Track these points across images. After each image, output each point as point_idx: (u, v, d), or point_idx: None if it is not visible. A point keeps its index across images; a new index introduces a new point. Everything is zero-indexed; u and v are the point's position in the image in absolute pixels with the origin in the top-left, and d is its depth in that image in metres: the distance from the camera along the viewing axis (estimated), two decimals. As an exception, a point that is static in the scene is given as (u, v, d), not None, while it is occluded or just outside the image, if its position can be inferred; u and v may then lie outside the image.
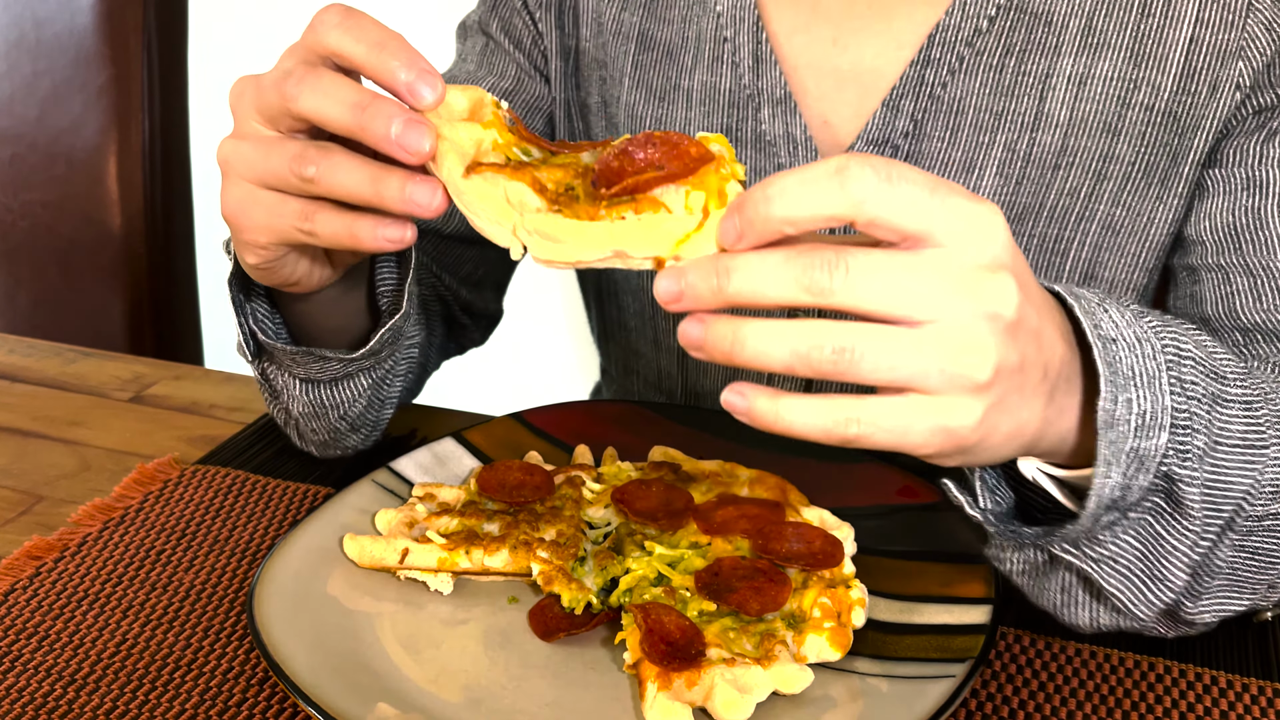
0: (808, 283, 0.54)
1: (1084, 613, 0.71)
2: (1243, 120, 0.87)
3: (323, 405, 0.88)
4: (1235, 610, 0.73)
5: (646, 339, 1.05)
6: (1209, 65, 0.86)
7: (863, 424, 0.56)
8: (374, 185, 0.65)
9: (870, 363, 0.54)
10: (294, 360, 0.85)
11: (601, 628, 0.75)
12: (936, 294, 0.54)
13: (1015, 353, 0.56)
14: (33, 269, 1.53)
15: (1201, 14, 0.85)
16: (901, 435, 0.56)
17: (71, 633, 0.77)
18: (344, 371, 0.86)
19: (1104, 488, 0.62)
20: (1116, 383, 0.61)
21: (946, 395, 0.55)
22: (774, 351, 0.56)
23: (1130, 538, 0.66)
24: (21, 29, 1.49)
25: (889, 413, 0.55)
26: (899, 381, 0.55)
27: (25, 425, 1.02)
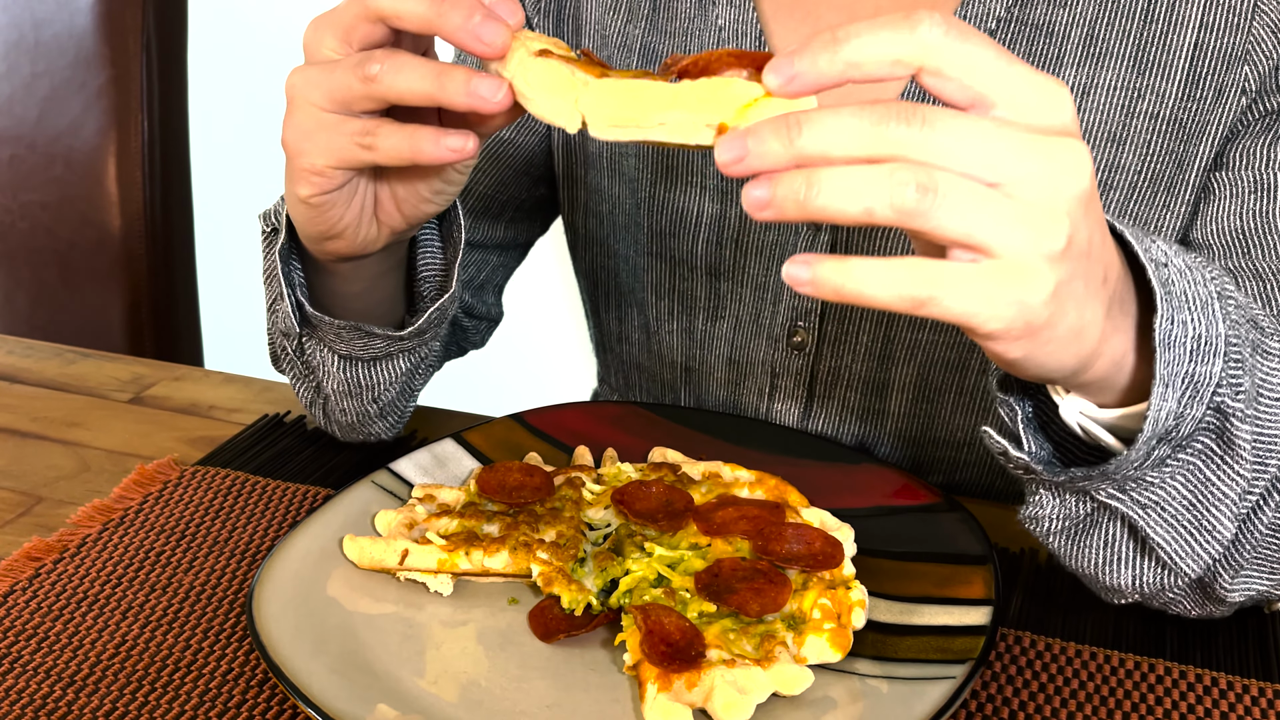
0: (885, 132, 0.52)
1: (1127, 571, 0.69)
2: (1248, 124, 0.86)
3: (358, 385, 0.88)
4: (1259, 591, 0.72)
5: (649, 352, 1.05)
6: (1214, 70, 0.85)
7: (941, 289, 0.53)
8: (438, 80, 0.65)
9: (952, 211, 0.52)
10: (338, 335, 0.85)
11: (601, 629, 0.75)
12: (1013, 154, 0.52)
13: (1085, 230, 0.55)
14: (32, 270, 1.53)
15: (1206, 18, 0.85)
16: (980, 305, 0.53)
17: (71, 634, 0.77)
18: (385, 351, 0.86)
19: (1160, 411, 0.60)
20: (1171, 303, 0.60)
21: (1021, 262, 0.53)
22: (854, 192, 0.52)
23: (1179, 483, 0.65)
24: (21, 30, 1.49)
25: (968, 279, 0.53)
26: (976, 240, 0.52)
27: (24, 426, 1.02)
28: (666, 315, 1.01)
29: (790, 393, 0.97)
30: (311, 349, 0.88)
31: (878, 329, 0.94)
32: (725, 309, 0.98)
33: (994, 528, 0.85)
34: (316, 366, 0.88)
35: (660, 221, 0.99)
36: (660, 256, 1.00)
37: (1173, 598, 0.73)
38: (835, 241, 0.92)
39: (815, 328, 0.95)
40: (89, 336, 1.48)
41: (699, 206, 0.97)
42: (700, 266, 0.98)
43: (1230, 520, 0.67)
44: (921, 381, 0.94)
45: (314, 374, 0.89)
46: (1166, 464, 0.65)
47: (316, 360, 0.88)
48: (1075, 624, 0.79)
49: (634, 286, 1.03)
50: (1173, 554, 0.68)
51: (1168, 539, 0.67)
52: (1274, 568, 0.72)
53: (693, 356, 1.01)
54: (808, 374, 0.96)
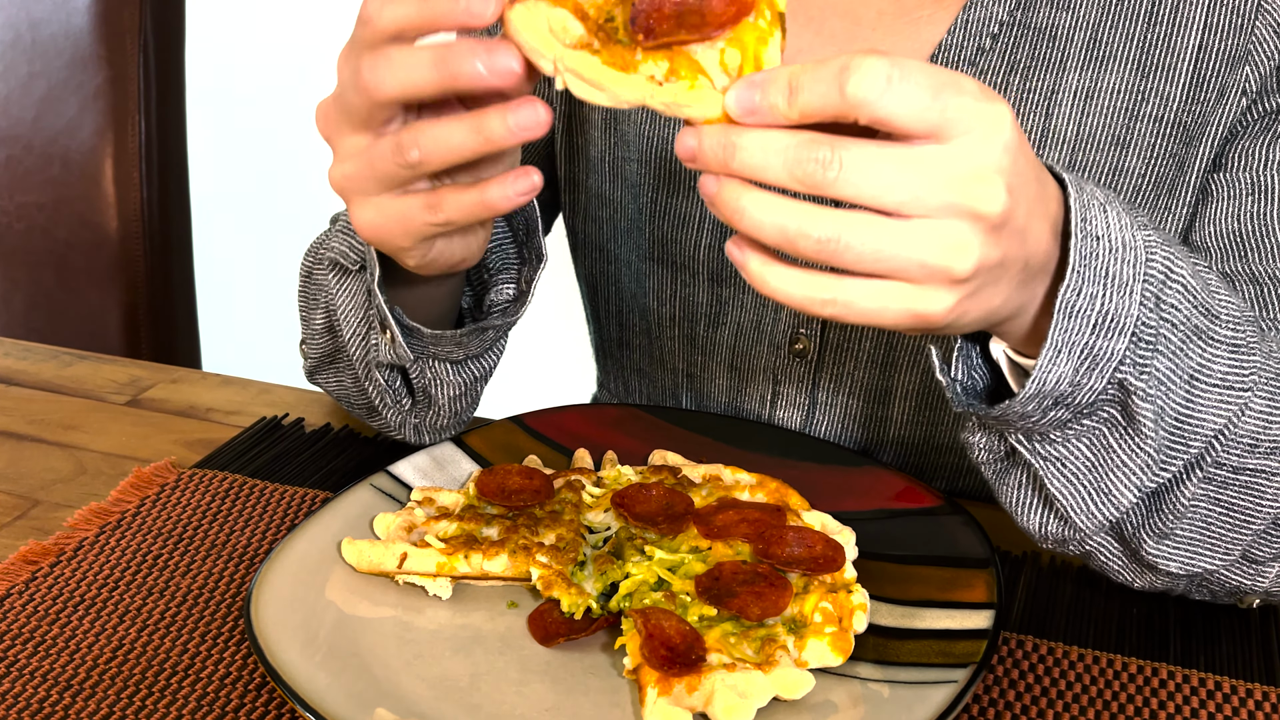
0: (800, 174, 0.57)
1: (1034, 516, 0.74)
2: (1248, 125, 0.85)
3: (474, 379, 0.88)
4: (1204, 567, 0.75)
5: (650, 358, 1.04)
6: (1217, 71, 0.84)
7: (839, 303, 0.59)
8: (477, 131, 0.65)
9: (854, 253, 0.57)
10: (459, 344, 0.85)
11: (601, 633, 0.75)
12: (926, 191, 0.57)
13: (997, 250, 0.59)
14: (28, 271, 1.53)
15: (1210, 19, 0.84)
16: (875, 316, 0.59)
17: (68, 638, 0.76)
18: (496, 339, 0.87)
19: (1048, 373, 0.65)
20: (1085, 276, 0.63)
21: (924, 285, 0.58)
22: (767, 226, 0.58)
23: (1083, 445, 0.69)
24: (17, 30, 1.49)
25: (866, 294, 0.59)
26: (881, 270, 0.58)
27: (21, 429, 1.02)
28: (668, 321, 1.01)
29: (792, 400, 0.97)
30: (419, 371, 0.87)
31: (880, 336, 0.93)
32: (727, 315, 0.98)
33: (996, 531, 0.85)
34: (428, 384, 0.88)
35: (662, 227, 0.98)
36: (662, 262, 0.99)
37: (1105, 562, 0.76)
38: None
39: (817, 335, 0.95)
40: (86, 338, 1.48)
41: (701, 212, 0.96)
42: (702, 272, 0.98)
43: (1130, 489, 0.70)
44: (924, 389, 0.94)
45: (423, 392, 0.88)
46: (1070, 427, 0.68)
47: (427, 379, 0.87)
48: (1078, 628, 0.79)
49: (635, 292, 1.02)
50: (1069, 508, 0.71)
51: (1065, 494, 0.71)
52: (1214, 544, 0.74)
53: (694, 363, 1.01)
54: (809, 381, 0.96)
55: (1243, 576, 0.76)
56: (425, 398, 0.89)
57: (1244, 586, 0.77)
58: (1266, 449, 0.72)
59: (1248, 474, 0.72)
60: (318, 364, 0.96)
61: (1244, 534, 0.74)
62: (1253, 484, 0.72)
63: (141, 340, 1.50)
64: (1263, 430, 0.71)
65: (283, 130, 2.48)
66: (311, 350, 0.96)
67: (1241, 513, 0.73)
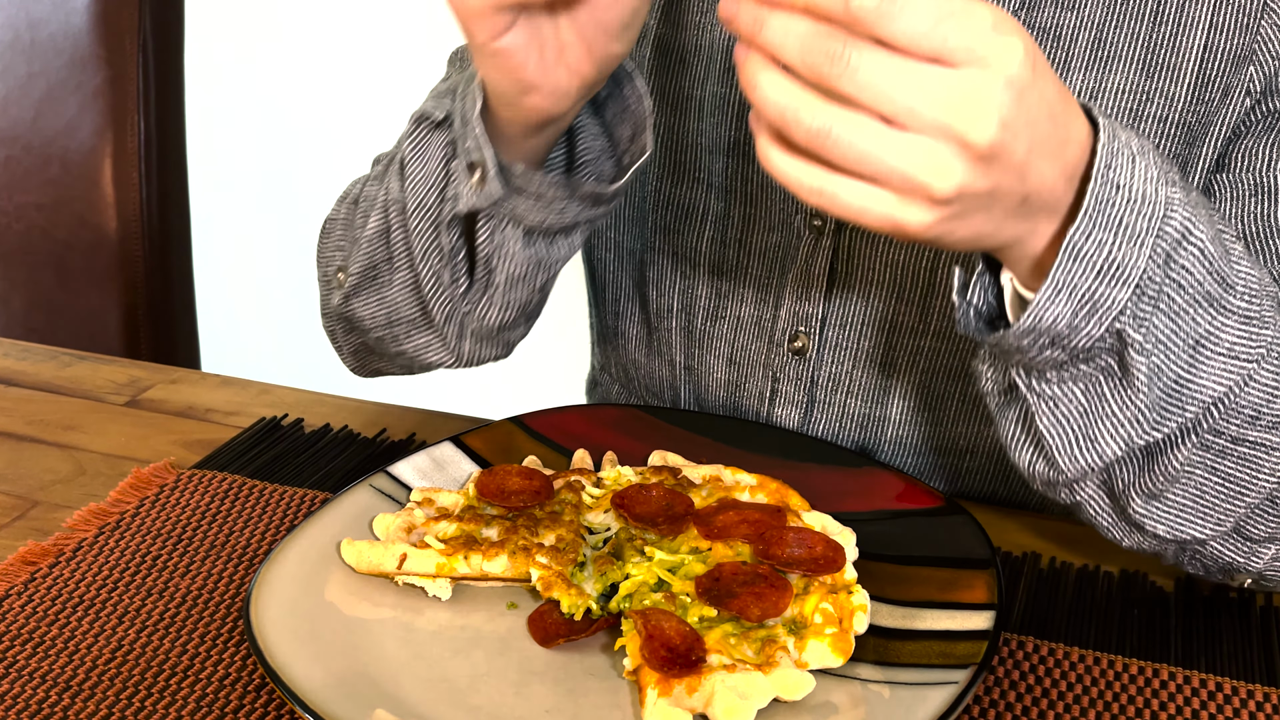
0: (810, 61, 0.59)
1: (1025, 454, 0.75)
2: (1251, 125, 0.85)
3: (536, 265, 0.87)
4: (1193, 535, 0.75)
5: (648, 348, 1.04)
6: (1222, 72, 0.84)
7: (826, 194, 0.61)
8: None
9: (842, 149, 0.59)
10: (539, 198, 0.82)
11: (601, 634, 0.75)
12: (921, 106, 0.58)
13: (985, 181, 0.60)
14: (27, 272, 1.52)
15: (1215, 19, 0.83)
16: (857, 215, 0.61)
17: (67, 639, 0.76)
18: (576, 218, 0.85)
19: (1045, 311, 0.66)
20: (1097, 221, 0.64)
21: (905, 198, 0.60)
22: (770, 104, 0.61)
23: (1078, 389, 0.70)
24: (16, 30, 1.49)
25: (852, 192, 0.61)
26: (865, 172, 0.60)
27: (20, 429, 1.02)
28: (667, 312, 1.01)
29: (791, 398, 0.97)
30: (487, 233, 0.85)
31: (879, 336, 0.93)
32: (727, 309, 0.98)
33: (996, 532, 0.85)
34: (493, 254, 0.86)
35: (666, 217, 0.98)
36: (664, 252, 0.99)
37: (1093, 516, 0.77)
38: (837, 247, 0.92)
39: (816, 333, 0.95)
40: (85, 339, 1.47)
41: (705, 203, 0.97)
42: (703, 264, 0.98)
43: (1117, 441, 0.70)
44: (923, 389, 0.94)
45: (484, 263, 0.86)
46: (1067, 369, 0.69)
47: (495, 244, 0.85)
48: (1078, 629, 0.79)
49: (637, 280, 1.02)
50: (1055, 449, 0.72)
51: (1053, 434, 0.72)
52: (1206, 513, 0.74)
53: (692, 355, 1.01)
54: (808, 379, 0.96)
55: (1236, 553, 0.77)
56: (485, 274, 0.87)
57: (1237, 564, 0.77)
58: (1269, 423, 0.72)
59: (1247, 445, 0.72)
60: (359, 282, 0.94)
61: (1237, 506, 0.74)
62: (1251, 456, 0.73)
63: (141, 341, 1.50)
64: (1266, 404, 0.71)
65: (282, 130, 2.48)
66: (354, 267, 0.93)
67: (1236, 484, 0.73)
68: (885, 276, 0.92)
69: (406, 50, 2.31)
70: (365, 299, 0.95)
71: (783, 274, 0.95)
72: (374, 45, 2.37)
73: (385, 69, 2.34)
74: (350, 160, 1.99)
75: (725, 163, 0.95)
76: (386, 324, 0.95)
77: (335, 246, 0.99)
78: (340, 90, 2.42)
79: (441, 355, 0.95)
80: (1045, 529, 0.89)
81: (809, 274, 0.93)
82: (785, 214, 0.94)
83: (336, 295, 0.98)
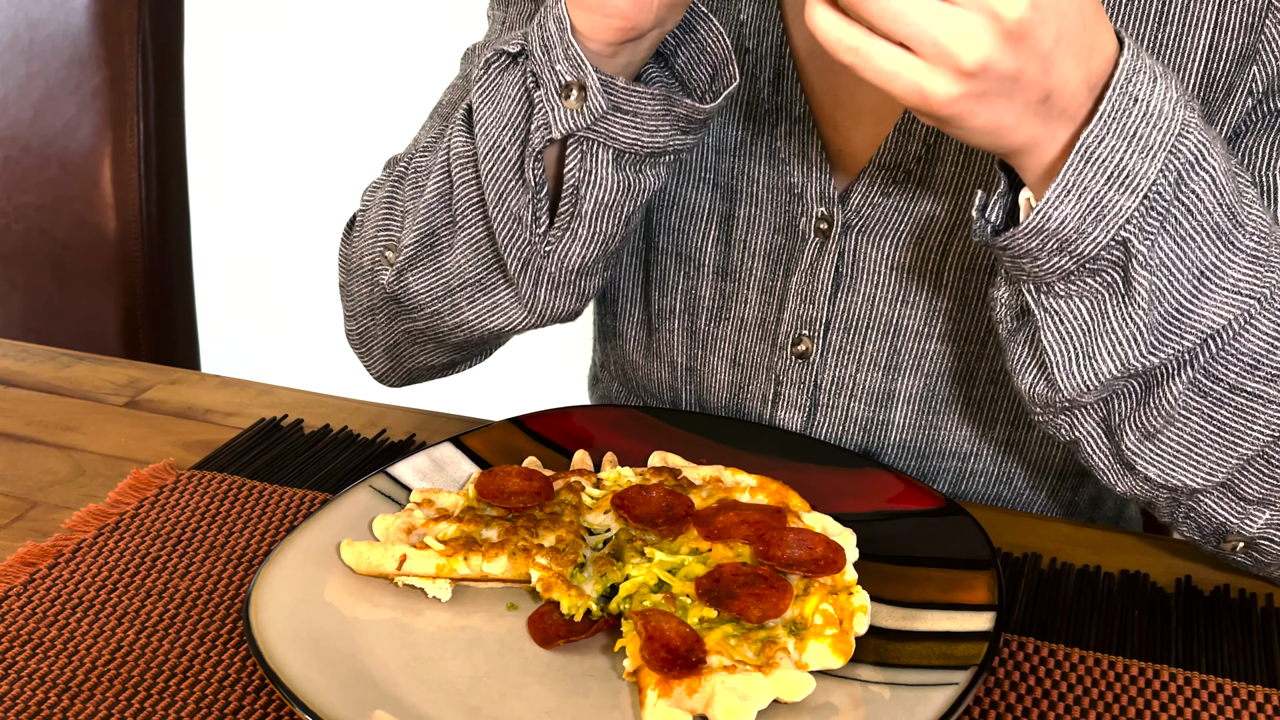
0: None
1: (1028, 376, 0.77)
2: (1252, 124, 0.85)
3: (625, 190, 0.85)
4: (1185, 482, 0.76)
5: (648, 349, 1.04)
6: (1226, 71, 0.83)
7: (860, 54, 0.64)
8: None
9: (881, 5, 0.62)
10: (636, 112, 0.82)
11: (601, 635, 0.75)
12: None
13: (1011, 60, 0.63)
14: (26, 272, 1.52)
15: (1220, 19, 0.83)
16: (886, 80, 0.64)
17: (66, 640, 0.76)
18: (669, 142, 0.84)
19: (1053, 210, 0.67)
20: (1111, 128, 0.66)
21: (933, 66, 0.63)
22: None
23: (1084, 305, 0.71)
24: (15, 30, 1.49)
25: (885, 55, 0.64)
26: (898, 34, 0.63)
27: (19, 430, 1.02)
28: (670, 313, 1.01)
29: (793, 401, 0.97)
30: (577, 159, 0.83)
31: (883, 340, 0.93)
32: (730, 311, 0.98)
33: (997, 532, 0.85)
34: (581, 181, 0.84)
35: (670, 216, 0.98)
36: (667, 252, 0.99)
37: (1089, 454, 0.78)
38: (842, 250, 0.92)
39: (820, 336, 0.94)
40: (84, 340, 1.47)
41: (709, 204, 0.96)
42: (708, 265, 0.97)
43: (1115, 359, 0.71)
44: (927, 393, 0.94)
45: (571, 191, 0.85)
46: (1073, 281, 0.71)
47: (584, 169, 0.84)
48: (1079, 630, 0.79)
49: (639, 280, 1.02)
50: (1054, 363, 0.73)
51: (1055, 349, 0.73)
52: (1199, 460, 0.75)
53: (695, 357, 1.01)
54: (811, 383, 0.96)
55: (1229, 513, 0.77)
56: (571, 205, 0.85)
57: (1230, 525, 0.77)
58: (1267, 374, 0.73)
59: (1244, 395, 0.73)
60: (415, 253, 0.92)
61: (1230, 456, 0.75)
62: (1248, 407, 0.73)
63: (140, 341, 1.50)
64: (1266, 353, 0.72)
65: (282, 131, 2.48)
66: (408, 240, 0.91)
67: (1231, 433, 0.74)
68: (890, 280, 0.92)
69: (409, 50, 2.31)
70: (421, 271, 0.92)
71: (787, 276, 0.95)
72: (376, 45, 2.37)
73: (387, 69, 2.34)
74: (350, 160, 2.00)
75: (730, 162, 0.95)
76: (446, 293, 0.92)
77: (373, 236, 0.96)
78: (341, 90, 2.42)
79: (512, 313, 0.91)
80: (1046, 530, 0.89)
81: (814, 276, 0.93)
82: (790, 216, 0.94)
83: (387, 274, 0.94)
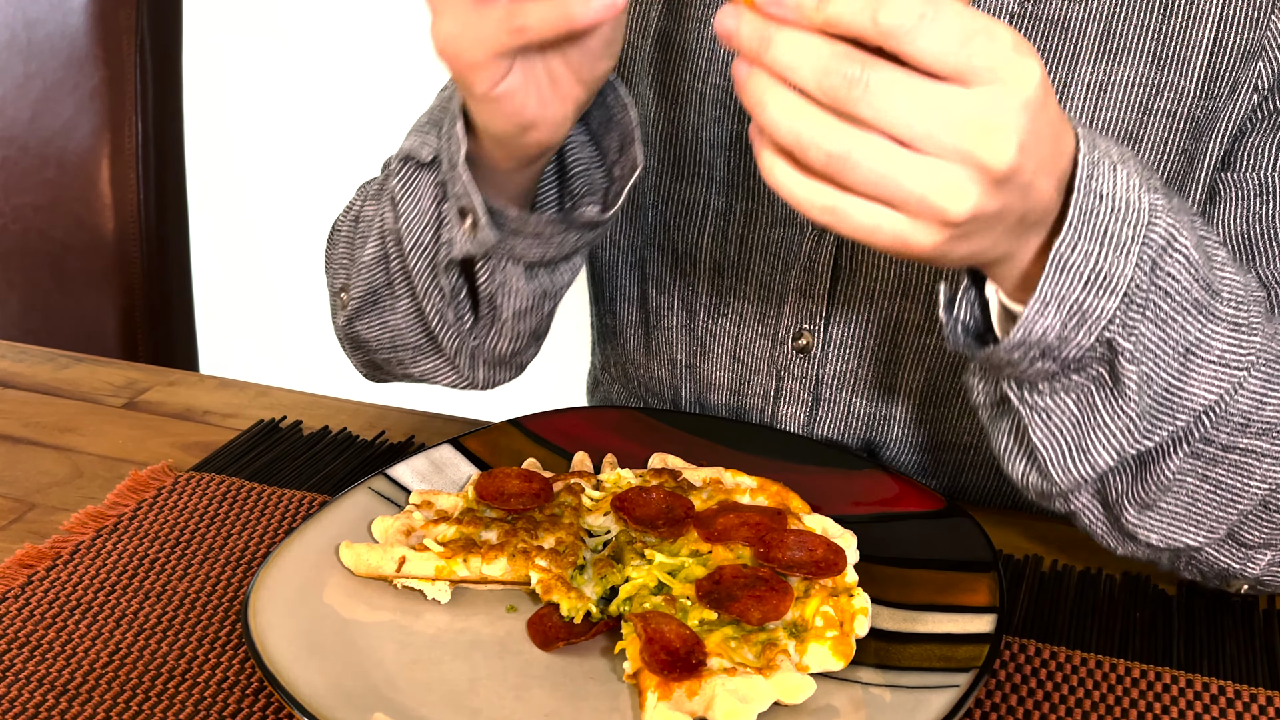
0: (827, 85, 0.58)
1: (1018, 465, 0.75)
2: (1257, 122, 0.84)
3: (542, 295, 0.87)
4: (1186, 543, 0.75)
5: (647, 348, 1.04)
6: (1231, 66, 0.83)
7: (836, 213, 0.60)
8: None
9: (860, 174, 0.58)
10: (537, 236, 0.83)
11: (601, 637, 0.74)
12: (941, 130, 0.58)
13: (996, 203, 0.60)
14: (24, 273, 1.52)
15: (1225, 12, 0.83)
16: (866, 235, 0.61)
17: (64, 642, 0.76)
18: (575, 245, 0.85)
19: (1034, 324, 0.65)
20: (1082, 232, 0.64)
21: (917, 219, 0.60)
22: (783, 128, 0.59)
23: (1070, 400, 0.69)
24: (13, 30, 1.48)
25: (863, 212, 0.60)
26: (881, 195, 0.59)
27: (17, 432, 1.01)
28: (667, 310, 1.00)
29: (796, 396, 0.96)
30: (488, 272, 0.84)
31: (884, 333, 0.93)
32: (729, 306, 0.97)
33: (998, 534, 0.85)
34: (494, 292, 0.86)
35: (666, 213, 0.98)
36: (664, 249, 0.99)
37: (1088, 525, 0.76)
38: (841, 242, 0.92)
39: (820, 331, 0.94)
40: (82, 341, 1.47)
41: (705, 199, 0.96)
42: (705, 261, 0.97)
43: (1110, 451, 0.70)
44: (928, 386, 0.94)
45: (488, 301, 0.86)
46: (1058, 380, 0.69)
47: (494, 284, 0.85)
48: (1080, 632, 0.78)
49: (636, 278, 1.02)
50: (1048, 461, 0.72)
51: (1046, 445, 0.71)
52: (1199, 521, 0.74)
53: (694, 354, 1.00)
54: (813, 377, 0.95)
55: (1231, 559, 0.77)
56: (490, 310, 0.87)
57: (1233, 570, 0.77)
58: (1258, 429, 0.72)
59: (1238, 453, 0.72)
60: (361, 306, 0.94)
61: (1229, 513, 0.74)
62: (1242, 463, 0.73)
63: (138, 342, 1.50)
64: (1255, 411, 0.71)
65: (280, 131, 2.48)
66: (355, 290, 0.93)
67: (1228, 491, 0.73)
68: (890, 273, 0.92)
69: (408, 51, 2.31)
70: (369, 322, 0.95)
71: (786, 270, 0.95)
72: (375, 45, 2.37)
73: (386, 69, 2.34)
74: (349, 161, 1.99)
75: (727, 157, 0.95)
76: (392, 348, 0.95)
77: (339, 263, 0.98)
78: (340, 90, 2.41)
79: (452, 379, 0.94)
80: (1047, 532, 0.89)
81: (813, 270, 0.93)
82: (788, 209, 0.93)
83: (340, 316, 0.97)
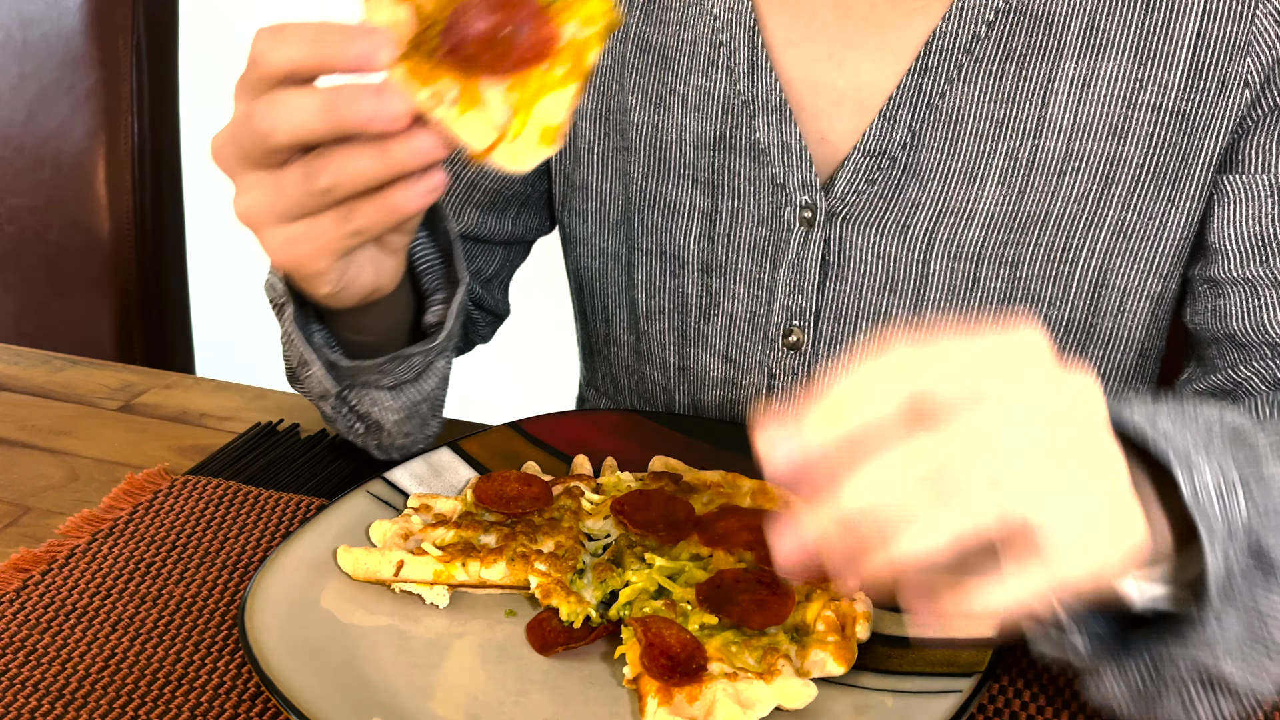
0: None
1: (1205, 710, 0.66)
2: (1257, 119, 0.85)
3: (415, 403, 0.90)
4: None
5: (638, 354, 1.04)
6: (1217, 61, 0.83)
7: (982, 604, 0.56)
8: (384, 159, 0.67)
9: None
10: (382, 372, 0.86)
11: (601, 641, 0.74)
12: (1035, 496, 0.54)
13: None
14: (19, 275, 1.52)
15: (1208, 6, 0.83)
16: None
17: (60, 647, 0.76)
18: (425, 364, 0.88)
19: (1217, 569, 0.59)
20: (1191, 469, 0.59)
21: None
22: None
23: (1232, 617, 0.63)
24: (8, 30, 1.48)
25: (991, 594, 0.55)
26: None
27: (12, 435, 1.01)
28: (657, 313, 1.00)
29: (788, 394, 0.96)
30: (357, 398, 0.88)
31: (875, 329, 0.93)
32: (718, 306, 0.97)
33: (998, 537, 0.84)
34: (368, 411, 0.89)
35: (651, 216, 0.98)
36: (650, 252, 0.99)
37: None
38: (828, 238, 0.92)
39: (811, 327, 0.94)
40: (78, 343, 1.47)
41: (690, 200, 0.96)
42: (692, 262, 0.97)
43: None
44: None
45: (366, 418, 0.90)
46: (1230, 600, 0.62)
47: (366, 405, 0.89)
48: (1082, 636, 0.78)
49: (624, 284, 1.02)
50: (1244, 682, 0.64)
51: (1236, 670, 0.64)
52: None
53: (687, 355, 1.00)
54: (805, 375, 0.95)
55: None
56: (372, 422, 0.90)
57: None
58: None
59: None
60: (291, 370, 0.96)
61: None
62: None
63: (134, 345, 1.50)
64: None
65: (276, 132, 2.47)
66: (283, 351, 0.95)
67: None
68: (877, 269, 0.92)
69: (401, 52, 2.30)
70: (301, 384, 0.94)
71: (774, 268, 0.94)
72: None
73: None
74: (345, 162, 1.98)
75: (710, 157, 0.95)
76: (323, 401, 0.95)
77: None
78: (335, 92, 2.41)
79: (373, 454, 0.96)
80: (1048, 535, 0.89)
81: (800, 267, 0.93)
82: (774, 206, 0.93)
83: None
